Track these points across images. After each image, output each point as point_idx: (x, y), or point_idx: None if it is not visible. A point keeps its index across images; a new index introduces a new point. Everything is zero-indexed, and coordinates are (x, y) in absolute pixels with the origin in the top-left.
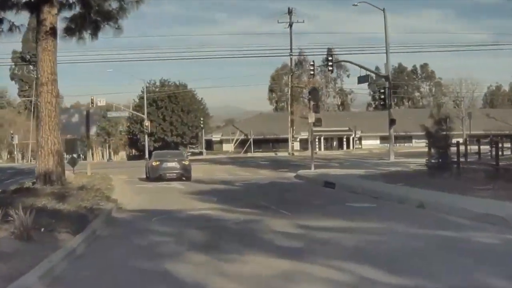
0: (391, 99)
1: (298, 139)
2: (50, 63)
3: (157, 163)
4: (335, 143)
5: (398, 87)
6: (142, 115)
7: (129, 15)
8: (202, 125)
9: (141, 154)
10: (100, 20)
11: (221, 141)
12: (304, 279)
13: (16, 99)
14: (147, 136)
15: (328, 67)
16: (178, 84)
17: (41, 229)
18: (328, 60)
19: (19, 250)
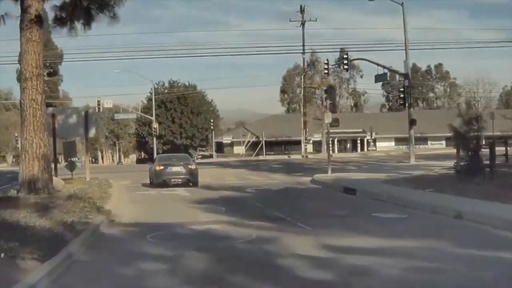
0: (411, 98)
1: (311, 141)
2: (35, 55)
3: (161, 168)
4: (349, 145)
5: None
6: (150, 117)
7: (126, 3)
8: (212, 127)
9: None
10: (94, 8)
11: (232, 144)
12: None
13: None
14: (156, 139)
15: (343, 66)
16: (188, 85)
17: (0, 255)
18: (343, 58)
19: None
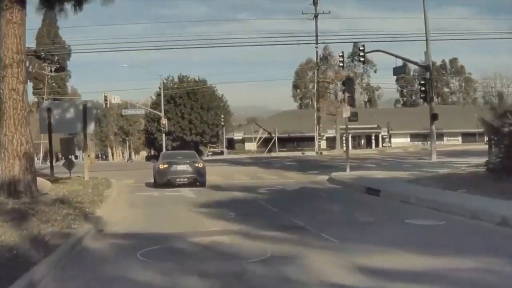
0: (433, 91)
1: (324, 137)
2: (16, 39)
3: (165, 166)
4: (363, 141)
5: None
6: (159, 113)
7: None
8: (223, 123)
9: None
10: None
11: (243, 140)
12: None
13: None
14: (164, 135)
15: (359, 58)
16: (198, 80)
17: None
18: (359, 50)
19: None
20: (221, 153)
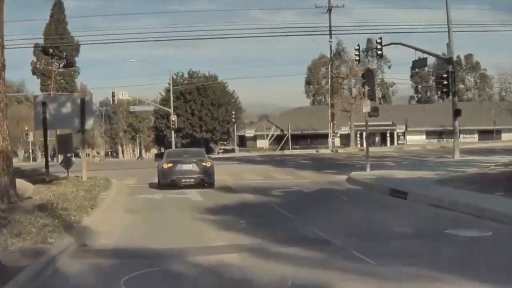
0: (455, 86)
1: (338, 135)
2: None
3: (170, 165)
4: (377, 139)
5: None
6: (168, 109)
7: None
8: (234, 120)
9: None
10: None
11: (255, 137)
12: None
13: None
14: (174, 132)
15: (377, 51)
16: (208, 76)
17: None
18: (377, 43)
19: None
20: (232, 151)
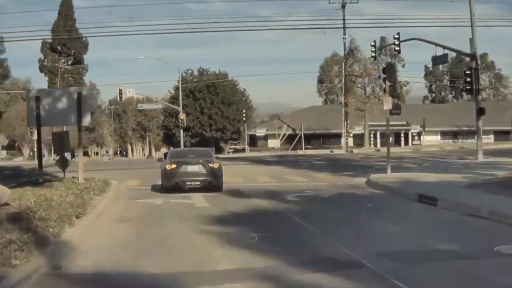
0: (479, 83)
1: (352, 134)
2: None
3: (173, 166)
4: (392, 139)
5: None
6: (177, 108)
7: None
8: (245, 119)
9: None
10: None
11: (266, 137)
12: None
13: None
14: (183, 131)
15: (395, 47)
16: (218, 73)
17: None
18: (395, 39)
19: None
20: (243, 150)
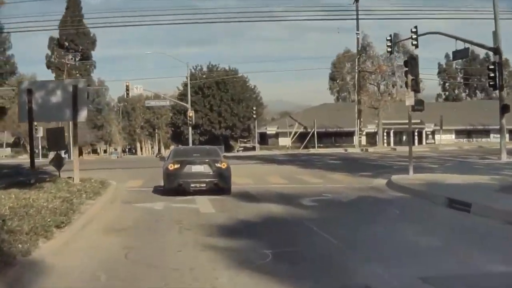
0: (503, 78)
1: (364, 133)
2: None
3: (176, 167)
4: (405, 138)
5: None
6: (186, 104)
7: None
8: (255, 116)
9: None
10: None
11: (277, 135)
12: None
13: None
14: (191, 128)
15: (412, 41)
16: (228, 69)
17: None
18: (412, 33)
19: None
20: (253, 149)
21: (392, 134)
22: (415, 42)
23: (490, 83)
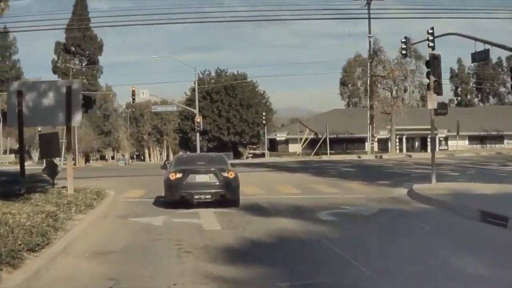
0: None
1: (376, 139)
2: None
3: (178, 176)
4: (417, 144)
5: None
6: (193, 110)
7: None
8: (264, 122)
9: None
10: None
11: (287, 141)
12: None
13: None
14: (199, 135)
15: (429, 43)
16: (237, 74)
17: None
18: (429, 34)
19: None
20: (262, 155)
21: (405, 140)
22: (432, 44)
23: None
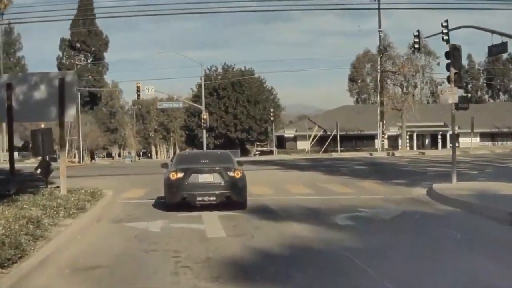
0: None
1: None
2: None
3: (180, 176)
4: (428, 141)
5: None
6: (200, 106)
7: None
8: (272, 119)
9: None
10: None
11: (295, 138)
12: None
13: None
14: (205, 132)
15: (443, 36)
16: (244, 70)
17: None
18: (443, 27)
19: None
20: (270, 153)
21: (415, 137)
22: (446, 37)
23: None
